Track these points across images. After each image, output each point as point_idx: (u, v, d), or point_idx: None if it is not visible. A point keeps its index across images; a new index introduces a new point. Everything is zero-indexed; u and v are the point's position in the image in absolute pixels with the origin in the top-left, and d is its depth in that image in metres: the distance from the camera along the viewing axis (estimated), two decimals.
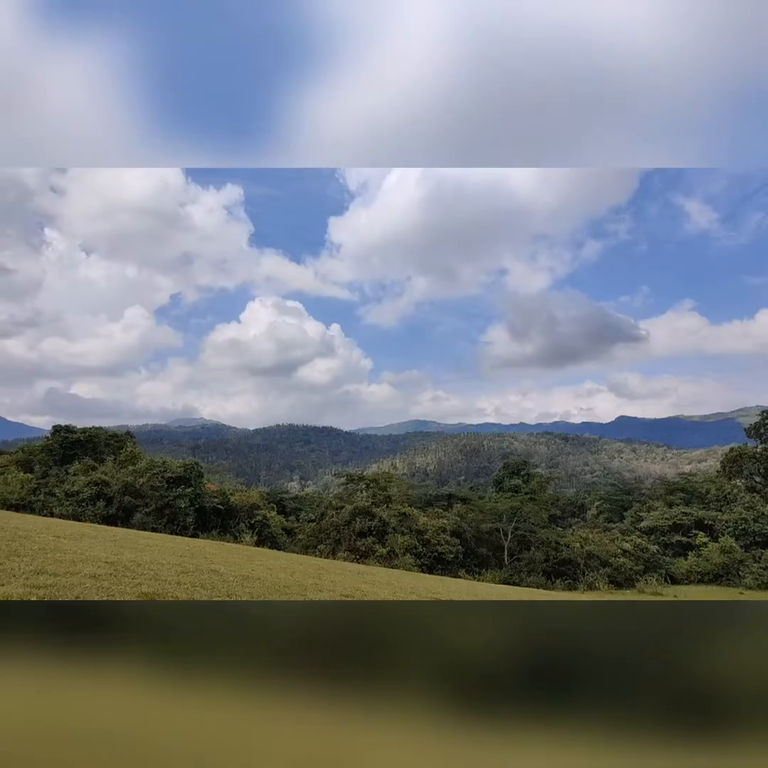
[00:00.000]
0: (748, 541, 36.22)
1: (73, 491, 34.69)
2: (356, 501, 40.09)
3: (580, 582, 33.28)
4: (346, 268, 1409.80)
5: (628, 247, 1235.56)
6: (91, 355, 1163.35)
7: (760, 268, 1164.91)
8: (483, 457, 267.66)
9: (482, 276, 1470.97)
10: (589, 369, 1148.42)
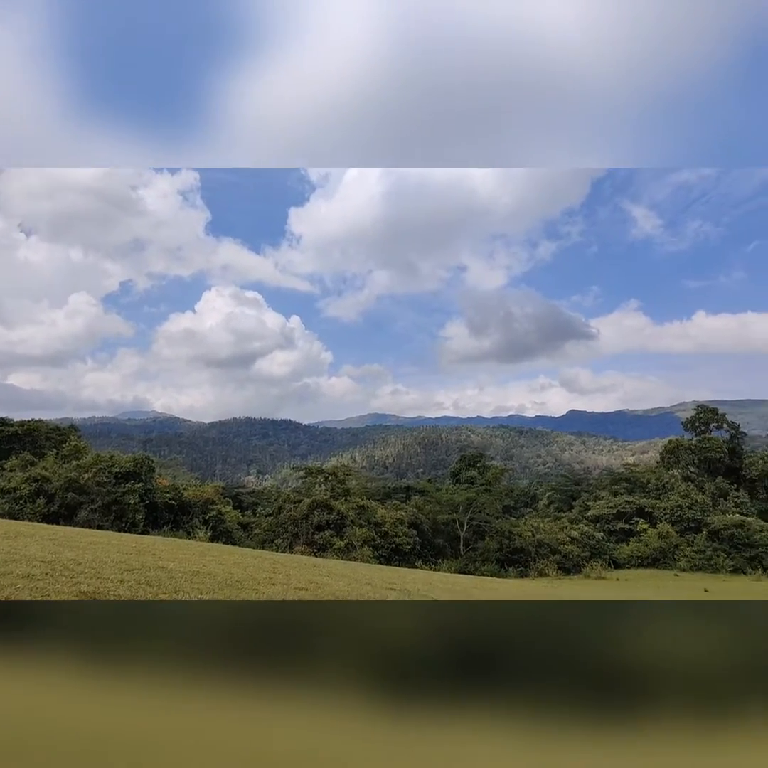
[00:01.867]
0: (682, 526, 38.90)
1: (9, 488, 32.49)
2: (315, 494, 39.85)
3: (531, 569, 34.66)
4: (306, 259, 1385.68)
5: (580, 249, 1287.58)
6: (31, 343, 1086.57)
7: (698, 273, 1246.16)
8: (441, 450, 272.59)
9: (442, 272, 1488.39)
10: (543, 365, 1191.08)
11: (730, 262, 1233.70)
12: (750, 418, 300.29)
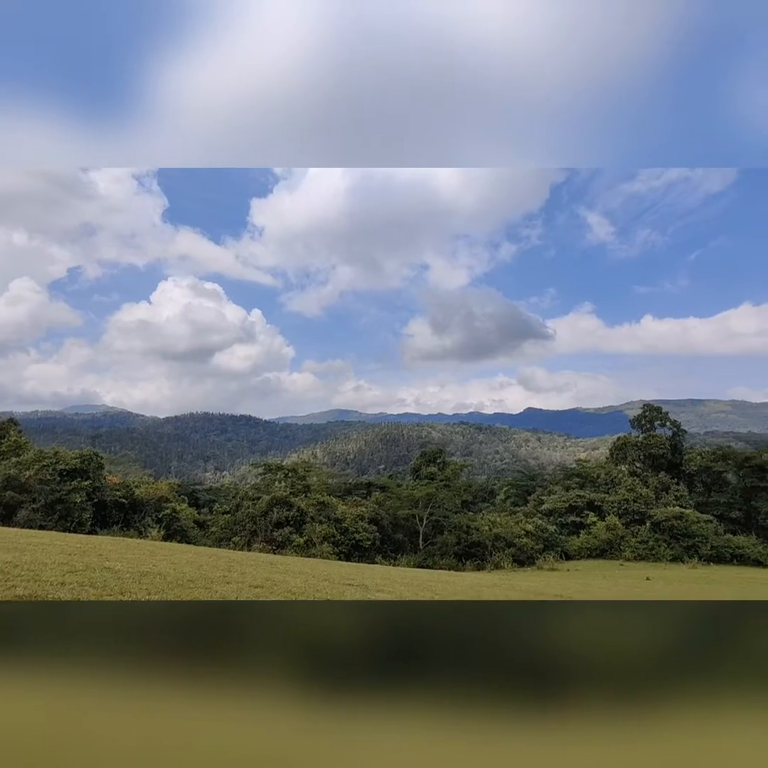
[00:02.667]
0: (628, 519, 41.03)
1: None
2: (274, 491, 39.25)
3: (487, 562, 35.58)
4: (269, 252, 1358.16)
5: (538, 252, 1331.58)
6: None
7: (646, 279, 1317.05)
8: (402, 446, 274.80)
9: (406, 269, 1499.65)
10: (502, 363, 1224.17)
11: (675, 269, 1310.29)
12: (690, 417, 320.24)
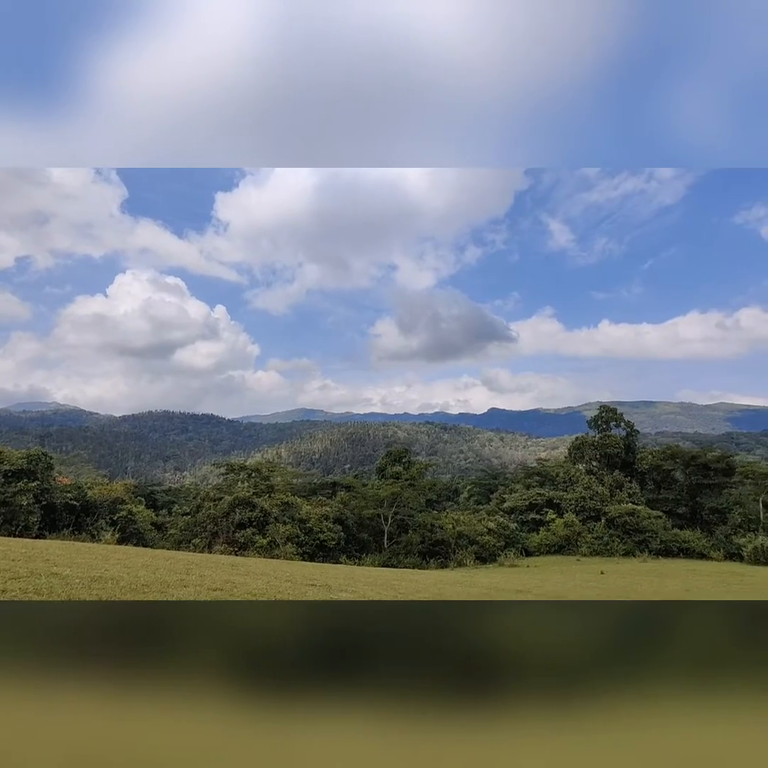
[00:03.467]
0: (585, 515, 42.61)
1: None
2: (237, 491, 38.40)
3: (451, 560, 36.09)
4: (234, 248, 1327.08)
5: (503, 256, 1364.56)
6: None
7: (604, 286, 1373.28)
8: (368, 446, 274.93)
9: (373, 269, 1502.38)
10: (467, 364, 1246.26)
11: (630, 277, 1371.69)
12: (642, 418, 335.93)
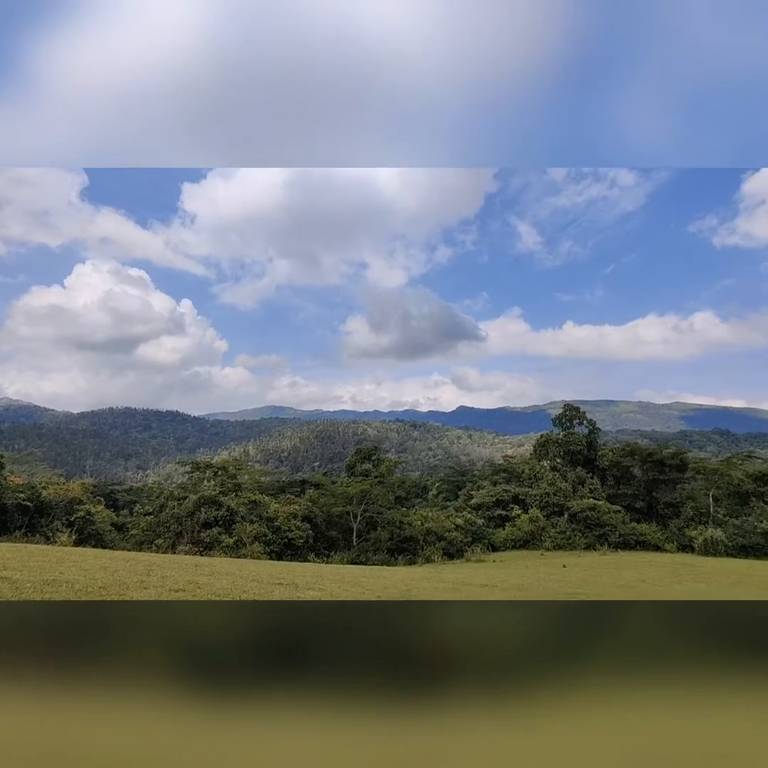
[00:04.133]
0: (549, 511, 43.88)
1: None
2: (202, 490, 37.54)
3: (419, 556, 36.45)
4: (201, 241, 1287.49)
5: (473, 257, 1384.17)
6: None
7: (569, 288, 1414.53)
8: (338, 443, 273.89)
9: (344, 266, 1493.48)
10: (437, 362, 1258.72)
11: (594, 281, 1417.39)
12: (604, 416, 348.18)
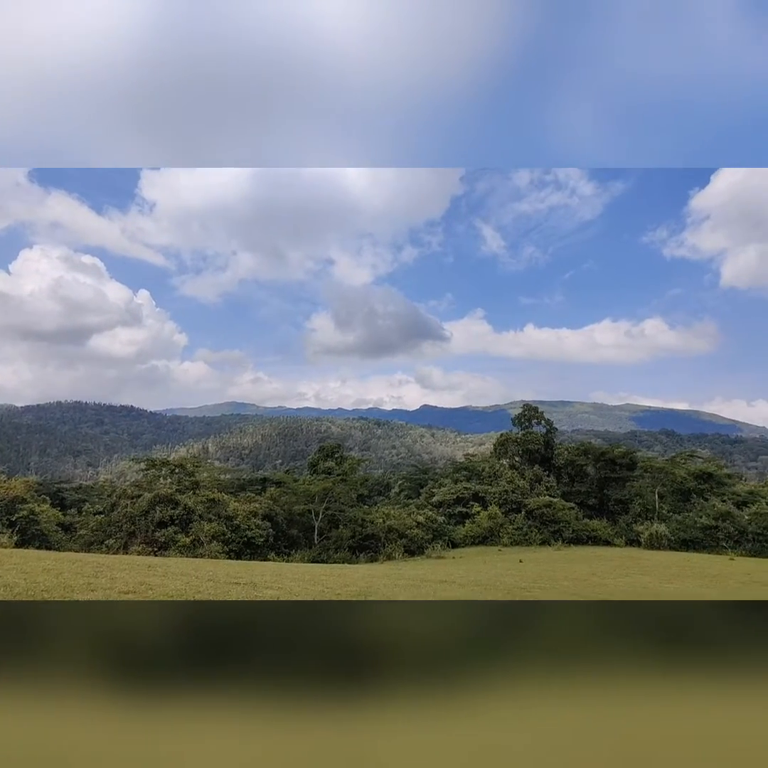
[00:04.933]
0: (507, 508, 45.10)
1: None
2: (158, 488, 36.24)
3: (380, 554, 36.63)
4: (160, 230, 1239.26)
5: (438, 258, 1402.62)
6: None
7: (530, 292, 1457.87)
8: (301, 441, 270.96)
9: (310, 263, 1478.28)
10: (401, 361, 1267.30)
11: (553, 286, 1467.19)
12: (560, 416, 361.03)
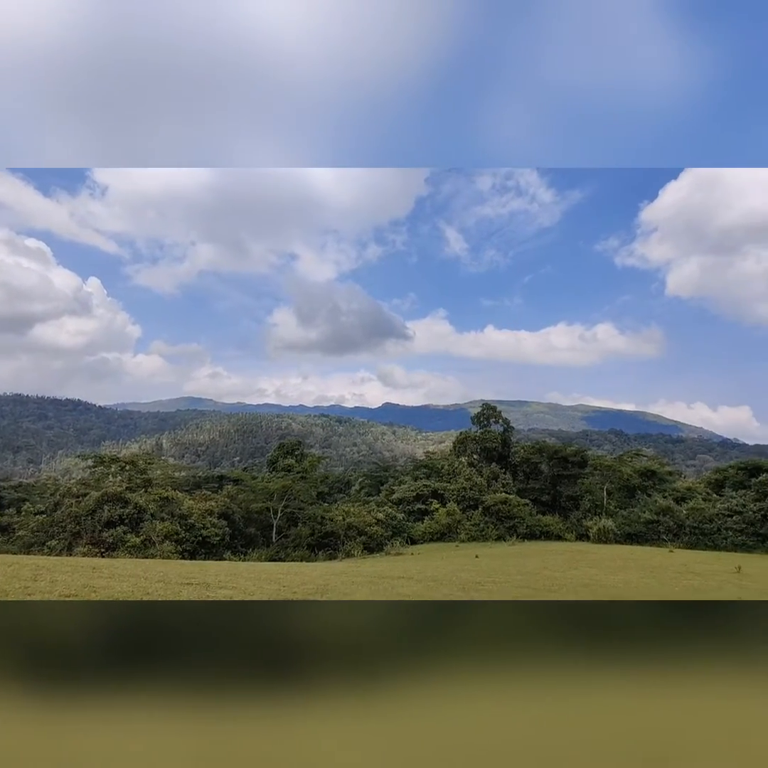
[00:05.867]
0: (465, 505, 46.07)
1: None
2: (106, 486, 34.61)
3: (339, 551, 36.54)
4: (113, 215, 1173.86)
5: (402, 257, 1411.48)
6: None
7: (490, 294, 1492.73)
8: (260, 438, 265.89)
9: (273, 257, 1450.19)
10: (364, 359, 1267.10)
11: (512, 289, 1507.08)
12: (517, 416, 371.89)
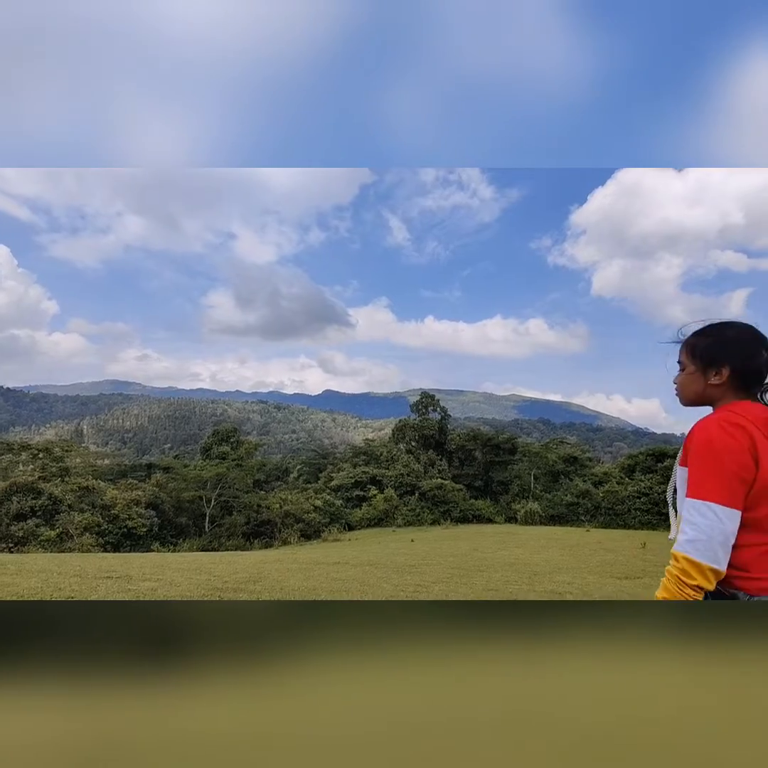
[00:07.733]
0: (402, 491, 47.08)
1: None
2: (15, 476, 31.62)
3: (276, 539, 36.07)
4: (25, 179, 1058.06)
5: (345, 244, 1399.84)
6: None
7: (431, 285, 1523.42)
8: (194, 424, 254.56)
9: (209, 235, 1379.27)
10: (305, 345, 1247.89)
11: (452, 281, 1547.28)
12: (454, 404, 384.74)
